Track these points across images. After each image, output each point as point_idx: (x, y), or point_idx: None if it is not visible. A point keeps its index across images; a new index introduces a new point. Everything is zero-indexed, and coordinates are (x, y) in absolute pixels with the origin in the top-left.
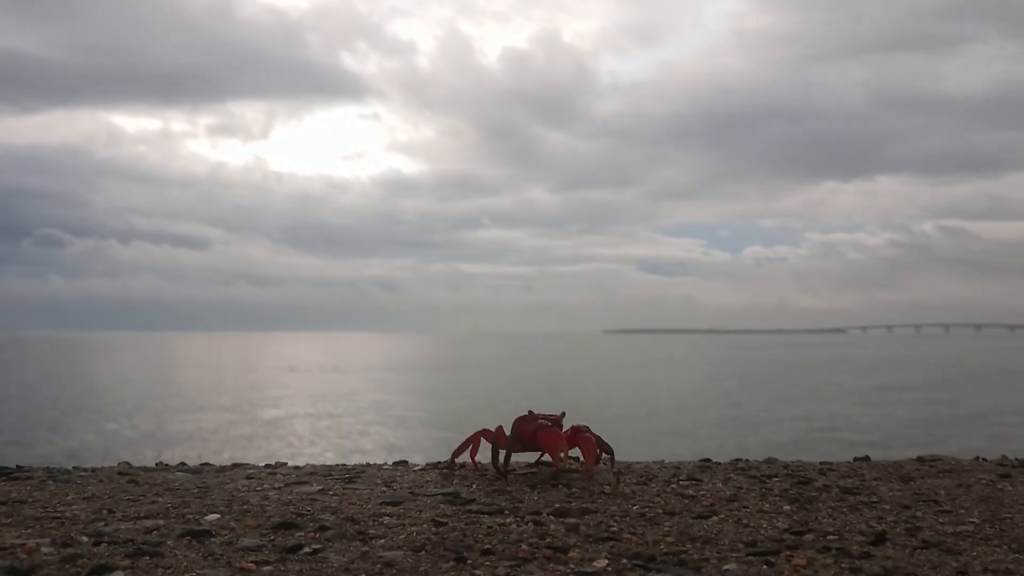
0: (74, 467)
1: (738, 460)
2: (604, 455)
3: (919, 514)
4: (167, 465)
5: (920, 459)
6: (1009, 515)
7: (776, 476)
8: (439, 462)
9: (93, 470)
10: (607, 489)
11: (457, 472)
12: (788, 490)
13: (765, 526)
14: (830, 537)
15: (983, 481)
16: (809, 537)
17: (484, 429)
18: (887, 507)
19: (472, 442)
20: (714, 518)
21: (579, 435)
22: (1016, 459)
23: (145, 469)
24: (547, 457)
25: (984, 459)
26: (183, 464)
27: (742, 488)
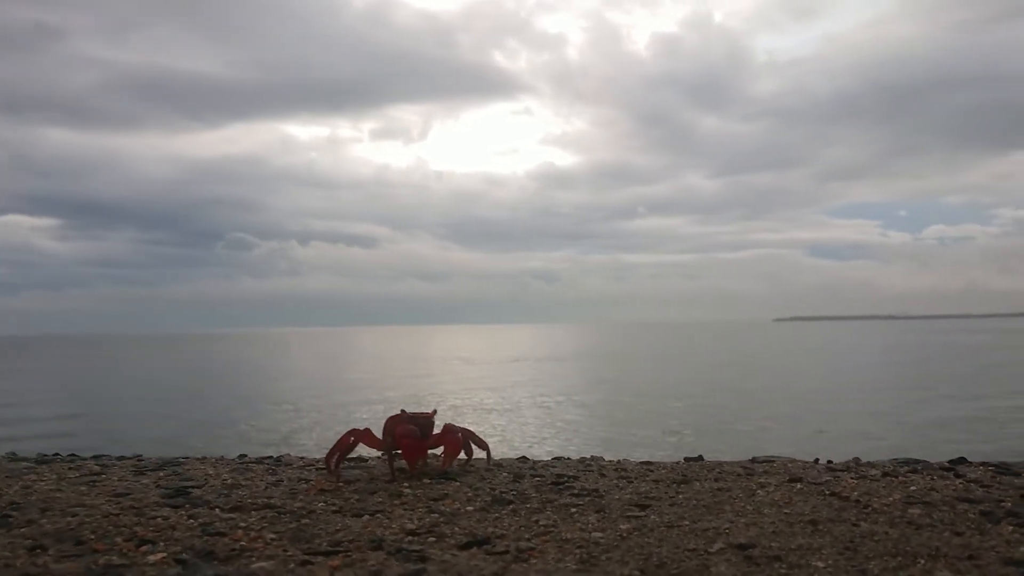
0: None
1: (543, 460)
2: (479, 450)
3: (569, 518)
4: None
5: (753, 459)
6: (627, 530)
7: (541, 476)
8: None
9: None
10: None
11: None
12: (508, 491)
13: (395, 529)
14: (432, 539)
15: (742, 486)
16: (411, 539)
17: (354, 429)
18: (555, 508)
19: (344, 443)
20: (365, 517)
21: (446, 434)
22: (826, 463)
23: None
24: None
25: (831, 462)
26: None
27: (495, 488)
